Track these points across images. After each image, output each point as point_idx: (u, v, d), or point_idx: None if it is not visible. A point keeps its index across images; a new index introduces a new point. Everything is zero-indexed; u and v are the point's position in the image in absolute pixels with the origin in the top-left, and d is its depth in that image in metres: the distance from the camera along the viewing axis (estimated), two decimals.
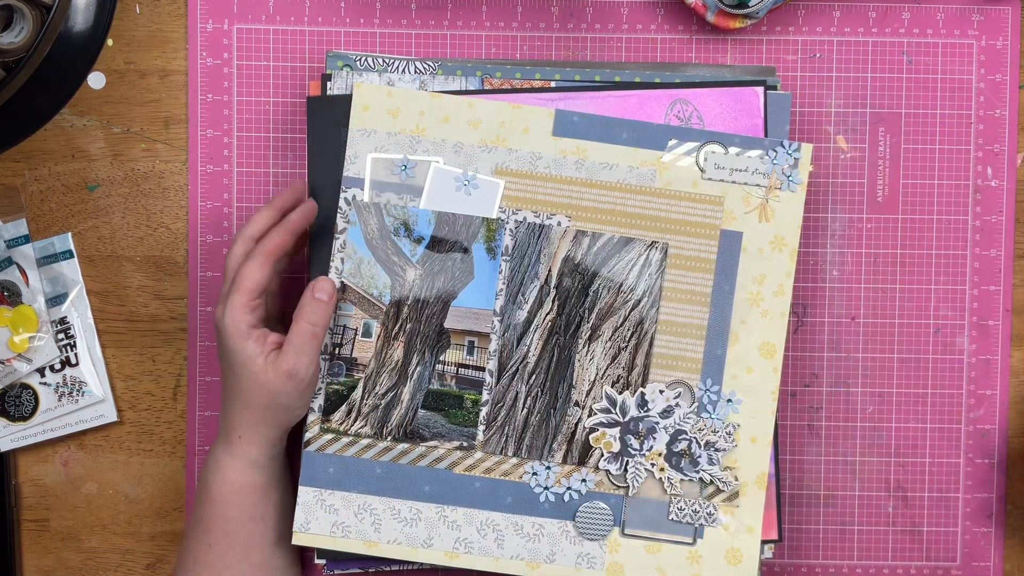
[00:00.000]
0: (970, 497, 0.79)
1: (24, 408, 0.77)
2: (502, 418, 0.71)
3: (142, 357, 0.78)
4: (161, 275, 0.78)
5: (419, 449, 0.71)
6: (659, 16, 0.78)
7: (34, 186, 0.78)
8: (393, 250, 0.71)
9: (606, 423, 0.71)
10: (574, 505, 0.71)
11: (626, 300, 0.70)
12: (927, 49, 0.78)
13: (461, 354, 0.71)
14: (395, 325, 0.71)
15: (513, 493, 0.71)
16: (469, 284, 0.71)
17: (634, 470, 0.71)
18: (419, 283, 0.71)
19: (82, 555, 0.79)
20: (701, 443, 0.71)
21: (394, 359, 0.71)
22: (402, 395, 0.71)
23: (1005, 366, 0.79)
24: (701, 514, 0.71)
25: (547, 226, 0.70)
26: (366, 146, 0.71)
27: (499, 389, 0.71)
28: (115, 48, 0.78)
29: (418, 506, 0.71)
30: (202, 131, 0.78)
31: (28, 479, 0.79)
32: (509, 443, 0.71)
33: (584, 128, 0.71)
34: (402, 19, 0.78)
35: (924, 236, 0.78)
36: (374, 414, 0.71)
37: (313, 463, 0.71)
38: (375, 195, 0.71)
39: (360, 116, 0.71)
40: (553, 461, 0.71)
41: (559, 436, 0.71)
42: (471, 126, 0.71)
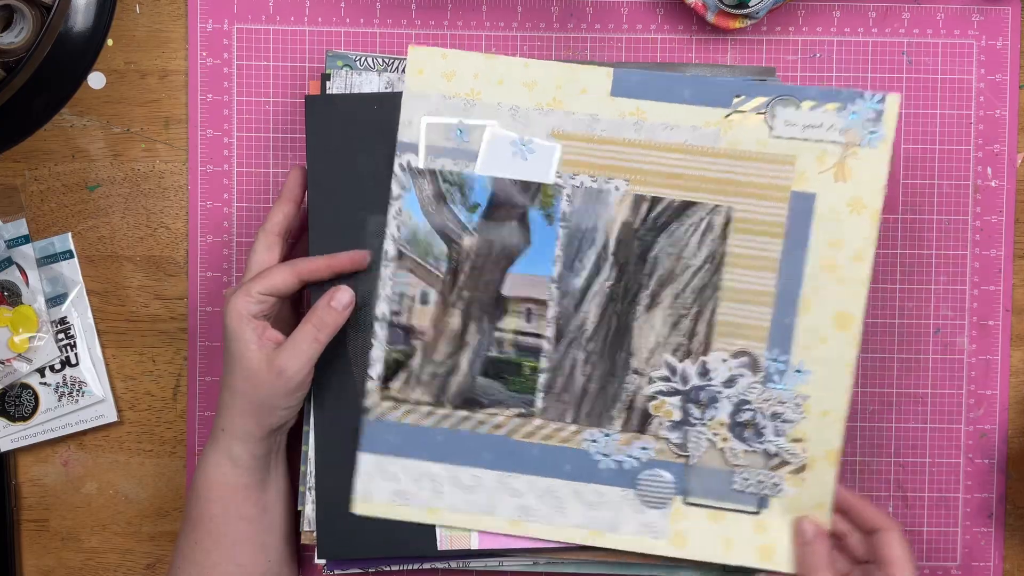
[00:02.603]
0: (970, 497, 0.79)
1: (24, 408, 0.77)
2: (560, 385, 0.70)
3: (142, 357, 0.78)
4: (161, 275, 0.78)
5: (478, 416, 0.70)
6: (659, 16, 0.78)
7: (34, 186, 0.78)
8: (449, 217, 0.70)
9: (666, 391, 0.70)
10: (634, 472, 0.70)
11: (687, 266, 0.69)
12: (927, 49, 0.78)
13: (519, 321, 0.70)
14: (452, 292, 0.70)
15: (572, 460, 0.70)
16: (526, 251, 0.70)
17: (695, 439, 0.69)
18: (476, 250, 0.70)
19: (82, 555, 0.79)
20: (767, 414, 0.69)
21: (452, 326, 0.70)
22: (460, 362, 0.71)
23: (1005, 366, 0.79)
24: (766, 484, 0.69)
25: (605, 191, 0.69)
26: (420, 110, 0.70)
27: (557, 356, 0.70)
28: (115, 48, 0.78)
29: (478, 473, 0.70)
30: (202, 131, 0.78)
31: (28, 479, 0.79)
32: (568, 410, 0.70)
33: (643, 87, 0.68)
34: (402, 19, 0.78)
35: (924, 236, 0.78)
36: (433, 382, 0.71)
37: (373, 431, 0.71)
38: (430, 160, 0.70)
39: (414, 80, 0.69)
40: (612, 429, 0.70)
41: (618, 404, 0.70)
42: (526, 87, 0.69)
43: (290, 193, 0.72)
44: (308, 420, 0.72)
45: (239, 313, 0.67)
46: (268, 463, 0.70)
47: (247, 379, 0.67)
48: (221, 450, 0.69)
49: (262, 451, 0.69)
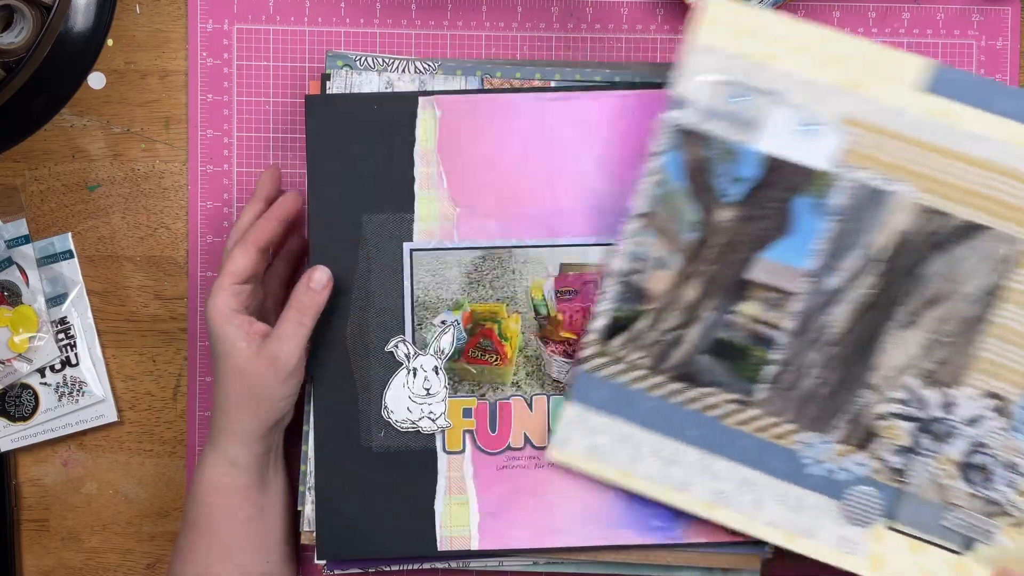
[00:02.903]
0: None
1: (24, 408, 0.77)
2: (787, 382, 0.67)
3: (142, 357, 0.78)
4: (161, 275, 0.78)
5: (692, 392, 0.68)
6: (659, 16, 0.78)
7: (34, 186, 0.78)
8: (709, 185, 0.66)
9: (901, 415, 0.66)
10: (843, 485, 0.67)
11: (959, 292, 0.64)
12: (927, 49, 0.78)
13: (759, 308, 0.67)
14: (694, 263, 0.67)
15: (780, 458, 0.67)
16: (783, 238, 0.66)
17: (918, 469, 0.65)
18: (730, 226, 0.66)
19: (82, 555, 0.79)
20: (1002, 462, 0.65)
21: (687, 298, 0.67)
22: (687, 335, 0.68)
23: None
24: (979, 529, 0.66)
25: (887, 192, 0.63)
26: (704, 64, 0.65)
27: (791, 352, 0.67)
28: (115, 48, 0.78)
29: (681, 448, 0.68)
30: (202, 131, 0.78)
31: (28, 479, 0.79)
32: (788, 408, 0.67)
33: (963, 89, 0.63)
34: (402, 19, 0.78)
35: None
36: (654, 348, 0.68)
37: (585, 383, 0.69)
38: (703, 121, 0.66)
39: (705, 31, 0.65)
40: (831, 437, 0.66)
41: (844, 415, 0.66)
42: (827, 62, 0.63)
43: (261, 192, 0.73)
44: (308, 420, 0.72)
45: (220, 312, 0.67)
46: (267, 463, 0.70)
47: (240, 376, 0.67)
48: (219, 451, 0.69)
49: (261, 450, 0.69)
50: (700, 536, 0.72)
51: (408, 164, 0.72)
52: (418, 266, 0.72)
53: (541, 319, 0.72)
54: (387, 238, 0.72)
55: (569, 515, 0.72)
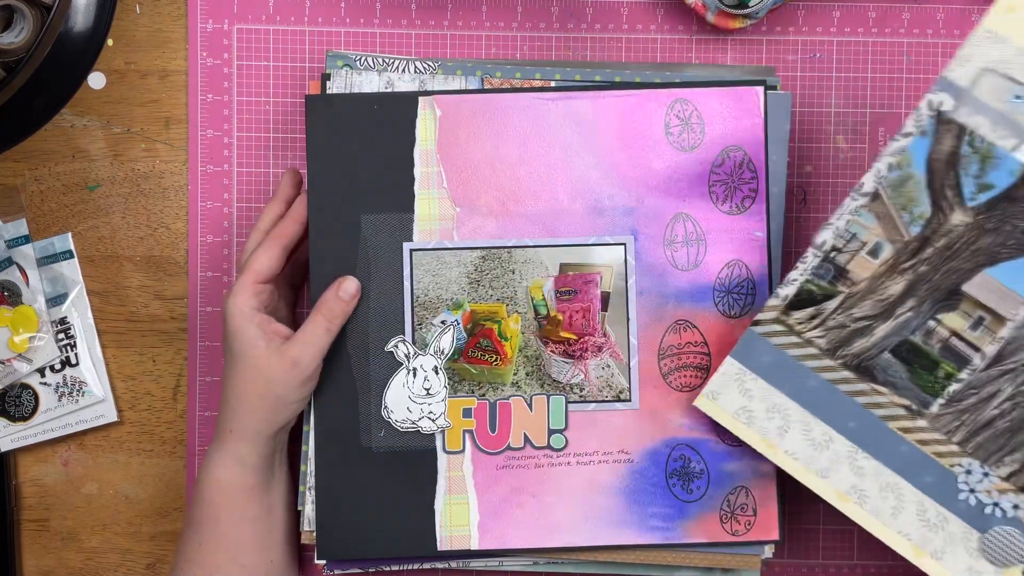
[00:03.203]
0: None
1: (24, 408, 0.77)
2: (968, 404, 0.63)
3: (142, 357, 0.78)
4: (161, 275, 0.78)
5: (862, 386, 0.65)
6: (659, 16, 0.78)
7: (34, 186, 0.78)
8: (952, 183, 0.61)
9: None
10: (991, 521, 0.64)
11: None
12: (927, 49, 0.78)
13: (963, 324, 0.63)
14: (910, 260, 0.63)
15: (936, 476, 0.64)
16: (1017, 259, 0.61)
17: None
18: (961, 231, 0.61)
19: (82, 555, 0.79)
20: None
21: (889, 291, 0.63)
22: (876, 329, 0.64)
23: None
24: None
25: None
26: (988, 54, 0.59)
27: (983, 376, 0.63)
28: (115, 48, 0.78)
29: (834, 435, 0.65)
30: (202, 131, 0.78)
31: (28, 479, 0.79)
32: (960, 430, 0.64)
33: None
34: (402, 19, 0.78)
35: None
36: (837, 331, 0.65)
37: (752, 342, 0.66)
38: (967, 113, 0.60)
39: (999, 17, 0.59)
40: (995, 471, 0.64)
41: (1017, 453, 0.63)
42: None
43: (282, 194, 0.73)
44: (308, 420, 0.72)
45: (240, 311, 0.67)
46: (273, 462, 0.71)
47: (257, 375, 0.67)
48: (228, 451, 0.69)
49: (269, 450, 0.70)
50: (700, 536, 0.72)
51: (408, 164, 0.72)
52: (418, 266, 0.72)
53: (541, 319, 0.72)
54: (387, 238, 0.72)
55: (569, 515, 0.72)
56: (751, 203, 0.72)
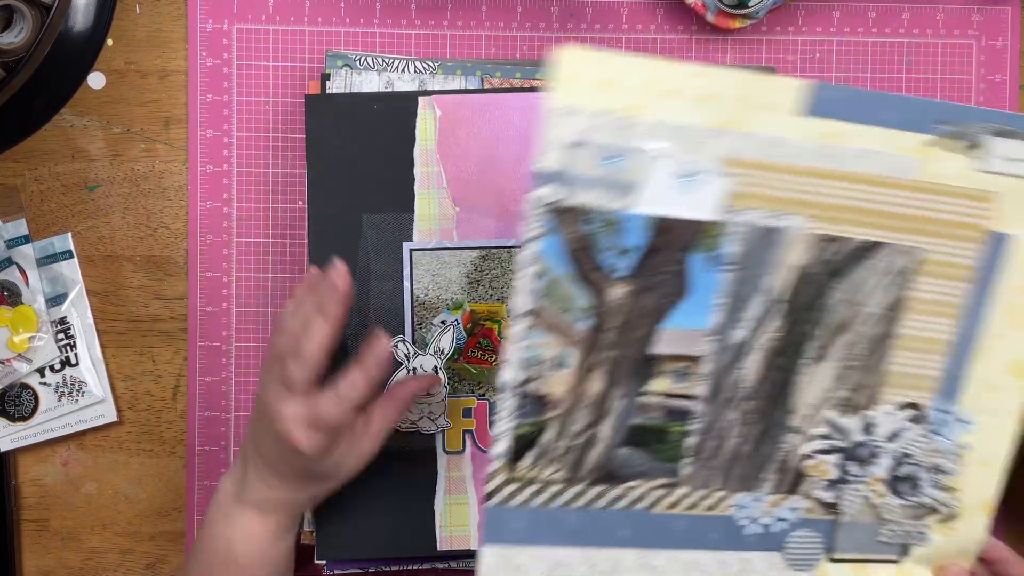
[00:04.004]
0: None
1: (24, 408, 0.77)
2: (710, 450, 0.63)
3: (142, 357, 0.78)
4: (161, 275, 0.78)
5: (616, 491, 0.62)
6: (659, 16, 0.78)
7: (34, 186, 0.78)
8: (595, 264, 0.59)
9: (825, 449, 0.63)
10: (781, 535, 0.64)
11: (864, 313, 0.61)
12: (927, 49, 0.78)
13: (669, 382, 0.62)
14: (594, 353, 0.60)
15: (717, 528, 0.63)
16: (682, 301, 0.61)
17: (850, 497, 0.64)
18: (625, 303, 0.60)
19: (82, 555, 0.79)
20: (926, 467, 0.64)
21: (592, 393, 0.61)
22: (600, 432, 0.62)
23: None
24: (912, 533, 0.65)
25: (779, 229, 0.59)
26: (566, 130, 0.56)
27: (709, 418, 0.62)
28: (115, 48, 0.78)
29: (617, 555, 0.62)
30: (202, 131, 0.78)
31: (28, 479, 0.79)
32: (715, 475, 0.63)
33: (846, 106, 0.58)
34: (402, 19, 0.78)
35: None
36: (567, 456, 0.62)
37: (497, 519, 0.61)
38: (576, 194, 0.58)
39: (561, 91, 0.56)
40: (762, 492, 0.64)
41: (771, 465, 0.63)
42: (700, 102, 0.57)
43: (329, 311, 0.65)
44: None
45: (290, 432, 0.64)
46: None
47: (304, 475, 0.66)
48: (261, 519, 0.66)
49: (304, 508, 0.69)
50: None
51: (408, 164, 0.72)
52: (418, 266, 0.72)
53: None
54: (387, 238, 0.72)
55: None
56: None
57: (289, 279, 0.77)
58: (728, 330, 0.61)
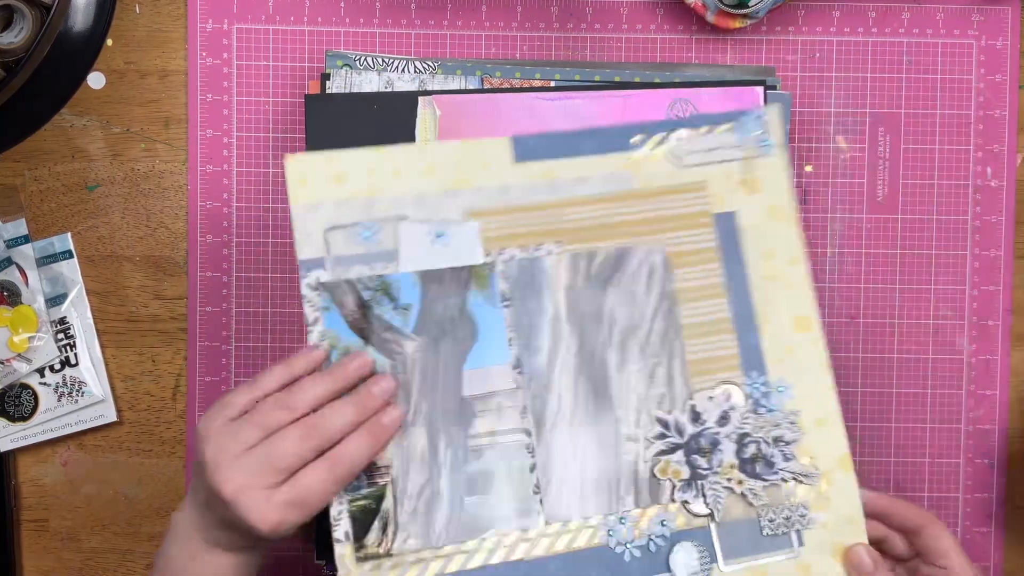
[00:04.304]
0: (970, 497, 0.79)
1: (24, 408, 0.77)
2: (557, 480, 0.63)
3: (142, 357, 0.78)
4: (161, 275, 0.78)
5: (480, 545, 0.62)
6: (659, 16, 0.78)
7: (34, 186, 0.78)
8: (382, 327, 0.63)
9: (666, 449, 0.65)
10: (663, 553, 0.64)
11: (643, 313, 0.65)
12: (927, 49, 0.78)
13: (491, 421, 0.63)
14: (409, 411, 0.62)
15: (594, 561, 0.63)
16: (476, 342, 0.64)
17: (712, 492, 0.64)
18: (422, 356, 0.63)
19: (82, 555, 0.79)
20: (769, 441, 0.65)
21: (418, 448, 0.62)
22: (440, 487, 0.62)
23: (1005, 366, 0.79)
24: (794, 519, 0.65)
25: (538, 258, 0.64)
26: (316, 222, 0.63)
27: (543, 448, 0.63)
28: (115, 48, 0.78)
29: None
30: (202, 131, 0.78)
31: (28, 479, 0.79)
32: (573, 504, 0.63)
33: (545, 148, 0.65)
34: (402, 19, 0.78)
35: (924, 236, 0.78)
36: (415, 520, 0.61)
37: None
38: (342, 272, 0.63)
39: (299, 192, 0.63)
40: (625, 510, 0.64)
41: (623, 480, 0.64)
42: (426, 173, 0.64)
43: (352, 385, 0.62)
44: None
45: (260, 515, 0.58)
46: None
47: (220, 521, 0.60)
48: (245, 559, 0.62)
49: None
50: None
51: None
52: None
53: None
54: None
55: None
56: None
57: (289, 279, 0.77)
58: (528, 359, 0.64)
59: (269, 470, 0.58)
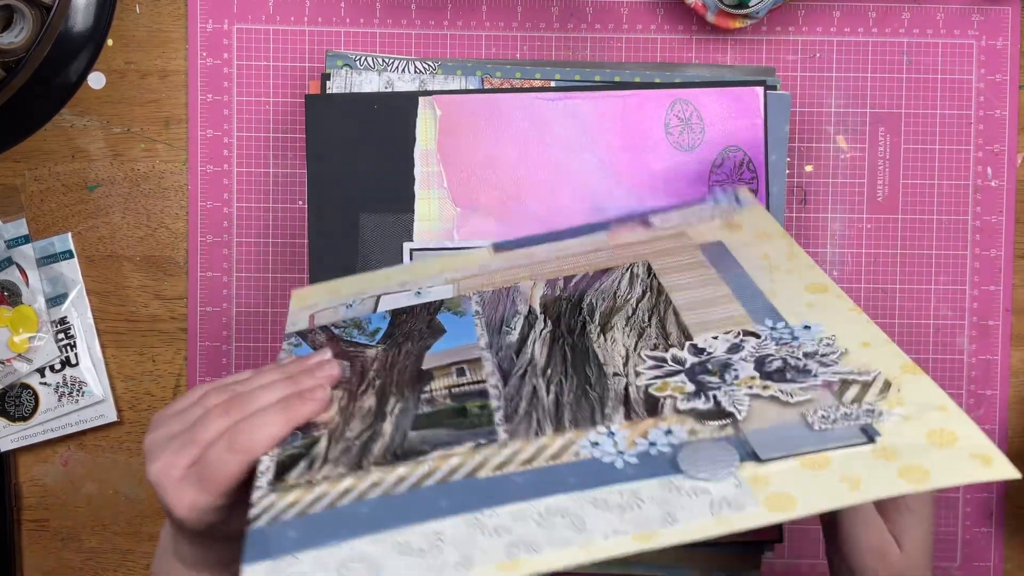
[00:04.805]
0: (970, 497, 0.79)
1: (24, 408, 0.77)
2: (524, 408, 0.55)
3: (142, 357, 0.78)
4: (161, 275, 0.78)
5: (421, 469, 0.52)
6: (659, 16, 0.78)
7: (34, 186, 0.78)
8: (347, 344, 0.64)
9: (664, 375, 0.55)
10: (671, 455, 0.50)
11: (627, 299, 0.63)
12: (927, 49, 0.78)
13: (451, 379, 0.58)
14: (361, 385, 0.59)
15: (575, 473, 0.50)
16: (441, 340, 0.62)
17: (729, 396, 0.52)
18: (383, 354, 0.62)
19: (82, 555, 0.79)
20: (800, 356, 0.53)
21: (365, 408, 0.57)
22: (382, 430, 0.55)
23: (1005, 366, 0.79)
24: (856, 413, 0.50)
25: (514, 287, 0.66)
26: (306, 311, 0.68)
27: (510, 390, 0.56)
28: (115, 48, 0.78)
29: (437, 527, 0.49)
30: (202, 131, 0.78)
31: (28, 479, 0.79)
32: (545, 423, 0.54)
33: (524, 241, 0.71)
34: (402, 19, 0.78)
35: (924, 236, 0.78)
36: (347, 455, 0.54)
37: (262, 538, 0.49)
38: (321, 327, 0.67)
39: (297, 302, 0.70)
40: (613, 425, 0.52)
41: (609, 402, 0.54)
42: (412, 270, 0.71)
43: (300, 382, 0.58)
44: None
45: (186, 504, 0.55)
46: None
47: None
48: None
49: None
50: None
51: (408, 164, 0.72)
52: None
53: None
54: (387, 238, 0.72)
55: None
56: None
57: (289, 279, 0.77)
58: (498, 339, 0.62)
59: (189, 448, 0.53)
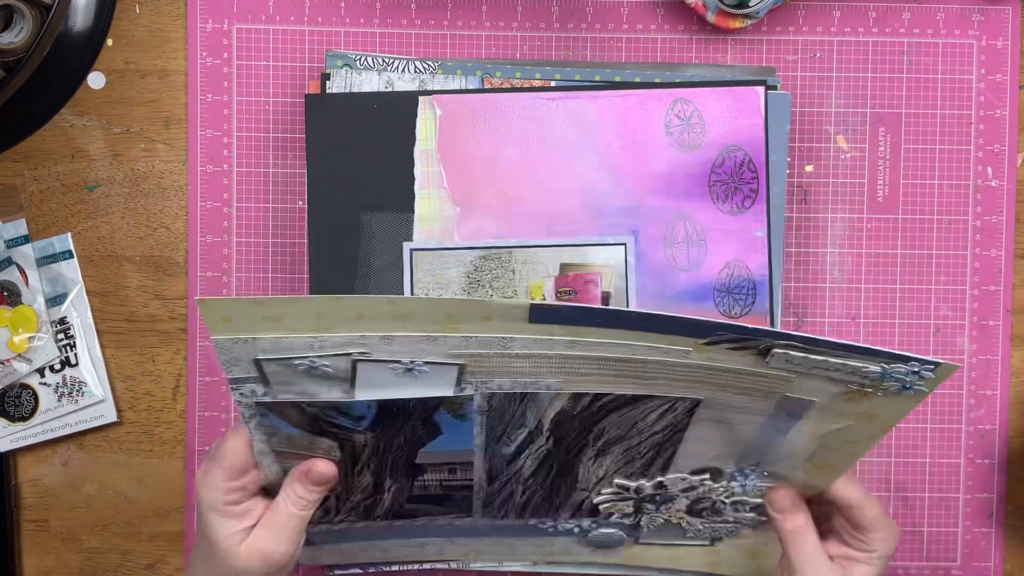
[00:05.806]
0: (970, 497, 0.79)
1: (24, 408, 0.77)
2: (499, 503, 0.67)
3: (142, 357, 0.78)
4: (161, 275, 0.78)
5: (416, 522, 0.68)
6: (659, 16, 0.78)
7: (34, 186, 0.78)
8: (332, 425, 0.59)
9: (618, 499, 0.67)
10: (587, 531, 0.70)
11: (641, 432, 0.60)
12: (927, 49, 0.78)
13: (442, 474, 0.65)
14: (356, 466, 0.63)
15: (521, 531, 0.70)
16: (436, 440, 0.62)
17: (649, 517, 0.68)
18: (374, 442, 0.61)
19: (82, 555, 0.79)
20: (728, 503, 0.66)
21: (363, 483, 0.64)
22: (382, 500, 0.66)
23: (1005, 366, 0.79)
24: (722, 530, 0.69)
25: (531, 392, 0.57)
26: (244, 352, 0.53)
27: (491, 490, 0.66)
28: (115, 48, 0.78)
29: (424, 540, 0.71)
30: (202, 131, 0.78)
31: (28, 479, 0.79)
32: (510, 514, 0.68)
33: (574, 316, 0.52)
34: (402, 19, 0.78)
35: (924, 236, 0.78)
36: (355, 512, 0.67)
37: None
38: (280, 392, 0.56)
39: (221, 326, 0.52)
40: (561, 519, 0.69)
41: (565, 507, 0.68)
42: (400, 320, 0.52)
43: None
44: None
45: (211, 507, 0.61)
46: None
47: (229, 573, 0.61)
48: None
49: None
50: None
51: (408, 164, 0.72)
52: (418, 266, 0.72)
53: None
54: (387, 238, 0.72)
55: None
56: (751, 203, 0.72)
57: (289, 279, 0.77)
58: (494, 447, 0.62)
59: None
